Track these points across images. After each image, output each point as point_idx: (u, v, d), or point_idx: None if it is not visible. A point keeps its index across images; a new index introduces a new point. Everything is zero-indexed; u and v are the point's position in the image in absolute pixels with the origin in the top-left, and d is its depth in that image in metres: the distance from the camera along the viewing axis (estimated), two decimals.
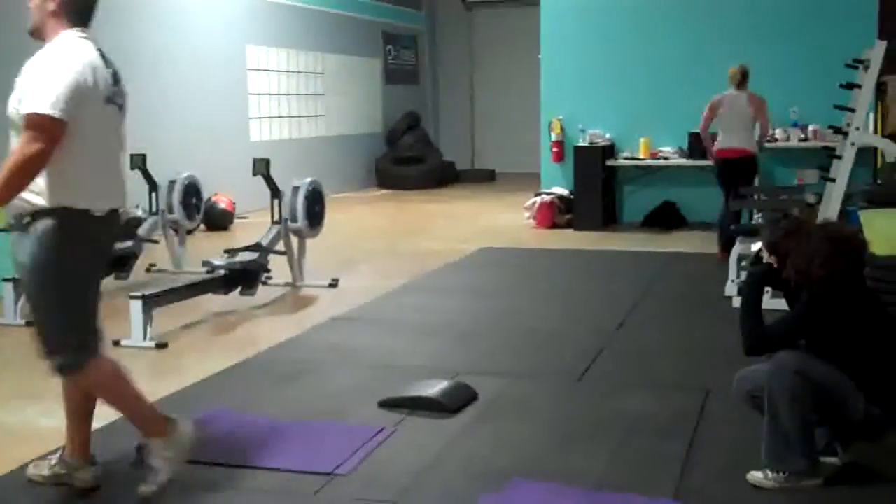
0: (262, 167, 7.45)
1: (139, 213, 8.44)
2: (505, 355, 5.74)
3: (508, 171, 17.85)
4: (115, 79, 3.57)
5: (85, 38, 3.51)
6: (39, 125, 3.25)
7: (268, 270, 7.31)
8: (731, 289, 7.07)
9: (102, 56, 3.52)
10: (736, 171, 8.80)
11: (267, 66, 13.76)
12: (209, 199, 10.54)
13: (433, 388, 4.71)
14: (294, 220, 7.61)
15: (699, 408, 4.60)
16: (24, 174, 3.26)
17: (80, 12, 3.52)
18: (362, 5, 16.41)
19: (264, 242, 7.33)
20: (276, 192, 7.61)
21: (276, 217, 7.59)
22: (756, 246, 7.50)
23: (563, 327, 6.39)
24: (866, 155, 9.35)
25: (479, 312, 6.91)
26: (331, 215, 8.27)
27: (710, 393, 4.77)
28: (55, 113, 3.26)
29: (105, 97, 3.49)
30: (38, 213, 3.36)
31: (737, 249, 7.21)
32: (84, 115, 3.36)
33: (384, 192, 16.04)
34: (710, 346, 5.74)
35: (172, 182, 8.29)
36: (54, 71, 3.32)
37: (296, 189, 7.68)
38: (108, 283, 7.71)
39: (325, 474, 3.81)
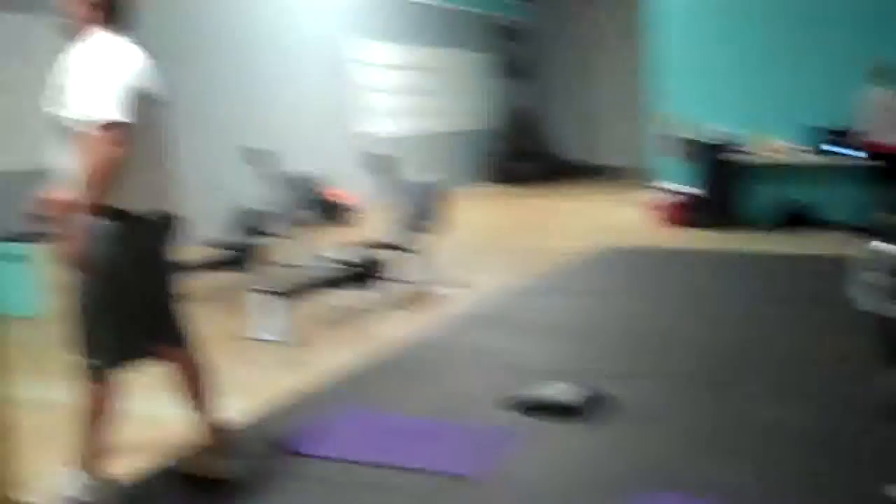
0: (383, 164, 7.48)
1: (261, 208, 8.54)
2: (635, 358, 5.65)
3: (624, 165, 17.63)
4: (160, 78, 3.58)
5: (127, 37, 3.52)
6: (110, 131, 3.26)
7: (391, 268, 7.34)
8: (861, 293, 6.82)
9: (144, 55, 3.52)
10: None
11: (384, 62, 13.86)
12: (330, 193, 10.67)
13: (563, 391, 4.66)
14: (418, 217, 7.62)
15: (836, 419, 4.44)
16: (103, 180, 3.27)
17: (121, 11, 3.54)
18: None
19: (389, 239, 7.37)
20: (398, 190, 7.63)
21: (399, 214, 7.61)
22: (885, 246, 7.26)
23: (692, 330, 6.27)
24: None
25: (607, 313, 6.83)
26: (450, 212, 8.26)
27: (848, 403, 4.61)
28: (123, 117, 3.28)
29: (155, 98, 3.52)
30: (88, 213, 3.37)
31: (864, 249, 6.94)
32: (139, 117, 3.37)
33: (498, 187, 16.01)
34: (844, 354, 5.55)
35: (294, 177, 8.39)
36: (111, 74, 3.33)
37: (419, 186, 7.70)
38: (233, 277, 7.87)
39: (453, 476, 3.81)
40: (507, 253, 9.59)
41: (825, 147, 10.53)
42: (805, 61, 10.91)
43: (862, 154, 9.50)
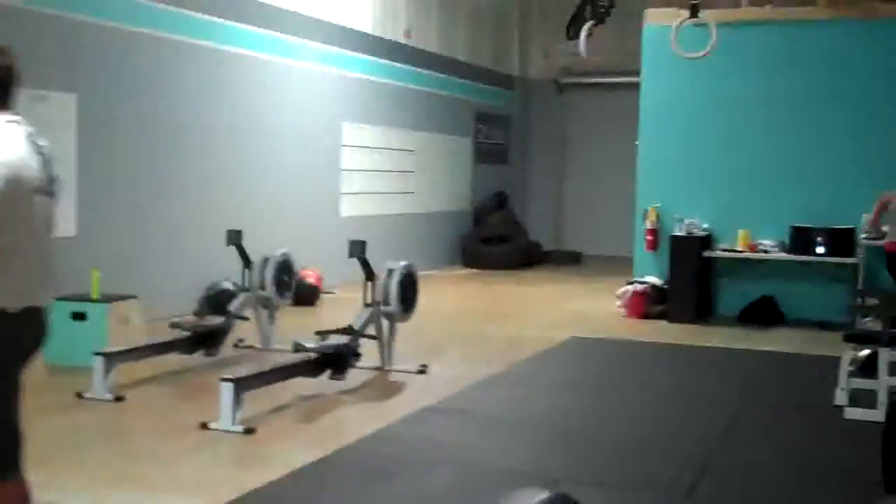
0: (358, 250, 7.34)
1: (233, 288, 8.36)
2: (605, 461, 5.46)
3: (595, 254, 17.62)
4: (46, 163, 3.25)
5: (13, 120, 3.21)
6: None
7: (358, 355, 7.16)
8: (841, 397, 6.71)
9: (32, 139, 3.22)
10: None
11: (360, 143, 13.81)
12: (305, 275, 10.51)
13: (531, 499, 4.45)
14: (387, 303, 7.47)
15: None
16: None
17: (8, 91, 3.22)
18: (456, 85, 16.46)
19: (356, 325, 7.18)
20: (370, 276, 7.49)
21: (369, 300, 7.45)
22: (866, 352, 7.18)
23: (664, 432, 6.10)
24: None
25: (574, 410, 6.66)
26: (419, 297, 8.12)
27: None
28: None
29: (35, 188, 3.19)
30: None
31: (847, 357, 6.85)
32: (11, 211, 3.06)
33: (469, 271, 15.87)
34: (825, 464, 5.39)
35: (266, 259, 8.23)
36: None
37: (390, 272, 7.56)
38: (197, 359, 7.64)
39: None
40: (476, 340, 9.40)
41: (804, 245, 10.56)
42: (788, 163, 11.04)
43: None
